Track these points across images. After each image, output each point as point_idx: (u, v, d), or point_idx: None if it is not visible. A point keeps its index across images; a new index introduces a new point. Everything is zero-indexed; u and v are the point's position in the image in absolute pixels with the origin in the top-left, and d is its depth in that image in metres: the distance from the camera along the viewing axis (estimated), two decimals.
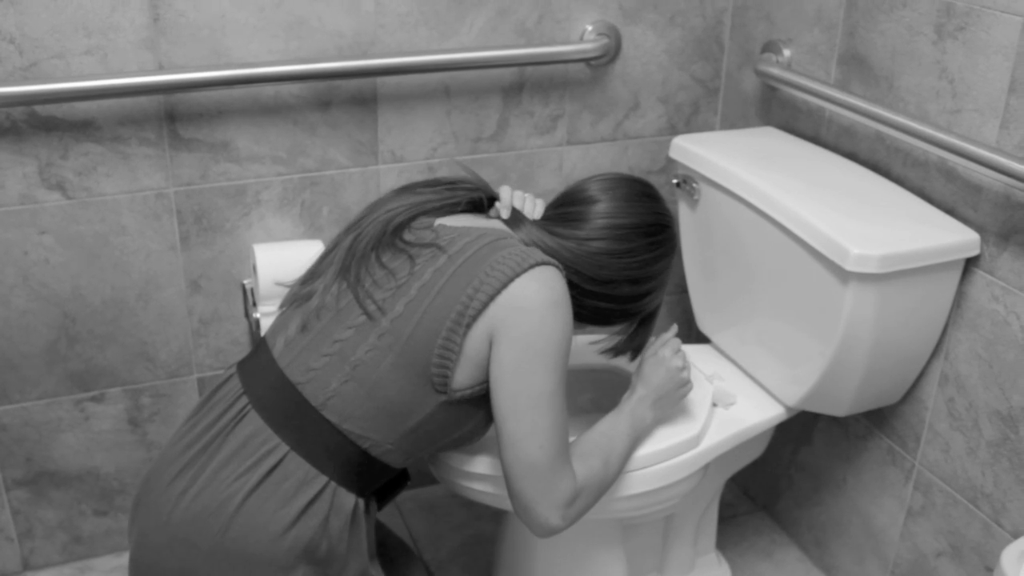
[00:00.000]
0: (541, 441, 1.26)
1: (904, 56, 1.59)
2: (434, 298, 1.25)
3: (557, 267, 1.30)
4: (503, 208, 1.42)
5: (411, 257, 1.29)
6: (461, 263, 1.27)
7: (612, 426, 1.42)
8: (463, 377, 1.27)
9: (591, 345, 1.60)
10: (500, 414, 1.27)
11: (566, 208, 1.42)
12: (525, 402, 1.25)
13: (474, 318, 1.24)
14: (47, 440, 1.84)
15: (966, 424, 1.57)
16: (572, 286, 1.36)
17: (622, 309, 1.44)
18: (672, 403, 1.51)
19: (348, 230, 1.38)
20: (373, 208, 1.39)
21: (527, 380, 1.25)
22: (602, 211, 1.40)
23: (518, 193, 1.46)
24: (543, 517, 1.29)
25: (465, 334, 1.25)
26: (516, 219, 1.40)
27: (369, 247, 1.32)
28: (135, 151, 1.69)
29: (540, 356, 1.25)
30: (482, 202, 1.43)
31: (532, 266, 1.27)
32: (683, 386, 1.50)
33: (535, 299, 1.25)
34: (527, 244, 1.35)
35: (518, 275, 1.25)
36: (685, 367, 1.49)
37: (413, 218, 1.36)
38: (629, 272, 1.40)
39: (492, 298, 1.24)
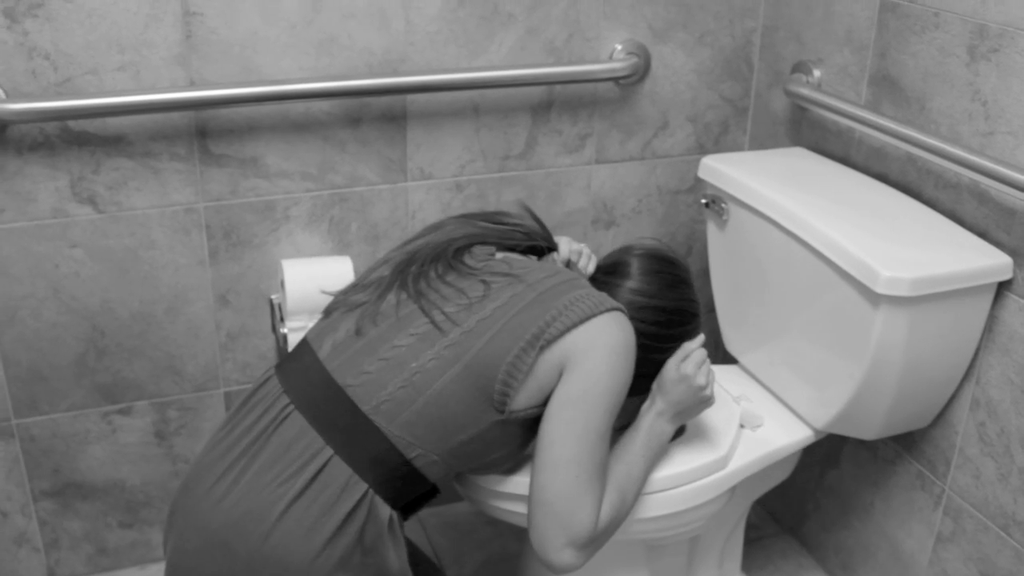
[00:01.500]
0: (579, 472, 1.27)
1: (936, 78, 1.58)
2: (511, 318, 1.28)
3: (627, 315, 1.36)
4: (560, 261, 1.48)
5: (484, 282, 1.33)
6: (541, 292, 1.31)
7: (628, 451, 1.41)
8: (524, 398, 1.29)
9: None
10: (548, 438, 1.28)
11: (609, 278, 1.47)
12: (578, 432, 1.27)
13: (550, 342, 1.27)
14: (74, 452, 1.85)
15: (997, 450, 1.55)
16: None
17: (640, 382, 1.45)
18: (691, 417, 1.49)
19: (402, 247, 1.41)
20: (430, 229, 1.43)
21: (586, 412, 1.27)
22: (633, 288, 1.45)
23: (575, 247, 1.51)
24: (556, 555, 1.28)
25: (538, 356, 1.27)
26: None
27: (427, 265, 1.36)
28: (166, 166, 1.70)
29: (604, 394, 1.28)
30: (540, 250, 1.48)
31: (612, 309, 1.32)
32: (705, 403, 1.46)
33: (613, 340, 1.29)
34: None
35: (599, 313, 1.30)
36: (708, 384, 1.44)
37: (471, 245, 1.40)
38: (653, 352, 1.44)
39: (573, 327, 1.28)
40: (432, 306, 1.30)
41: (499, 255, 1.41)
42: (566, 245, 1.50)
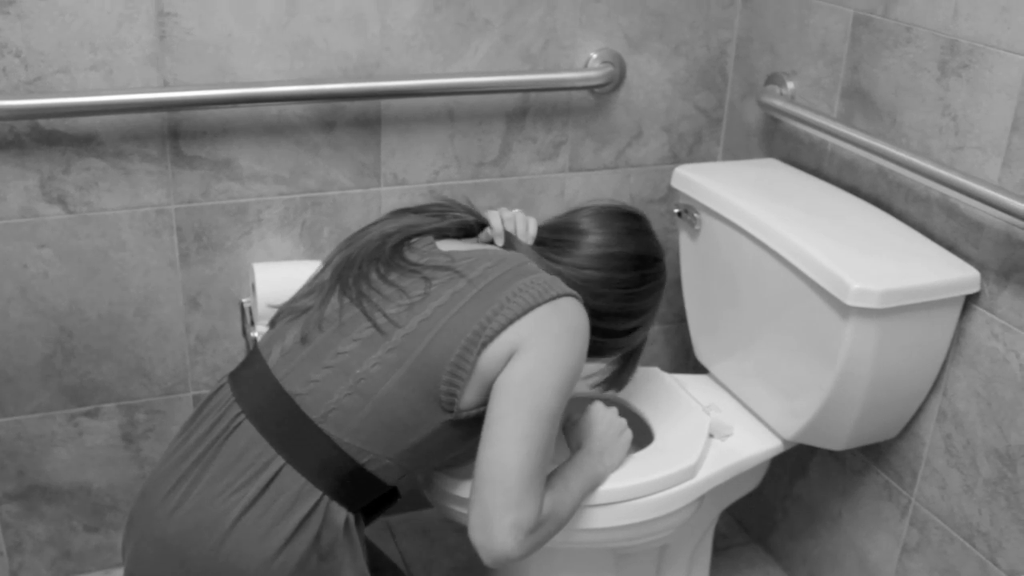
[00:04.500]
0: (528, 450, 1.23)
1: (907, 92, 1.59)
2: (451, 318, 1.26)
3: (579, 299, 1.33)
4: (496, 236, 1.43)
5: (425, 278, 1.30)
6: (483, 287, 1.28)
7: (563, 472, 1.40)
8: (471, 396, 1.27)
9: (583, 380, 1.63)
10: (497, 413, 1.24)
11: (560, 235, 1.44)
12: (527, 410, 1.24)
13: (492, 337, 1.25)
14: (40, 454, 1.83)
15: (963, 461, 1.56)
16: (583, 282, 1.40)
17: (612, 343, 1.47)
18: (618, 453, 1.50)
19: (339, 249, 1.39)
20: (365, 230, 1.40)
21: (534, 392, 1.24)
22: (594, 241, 1.42)
23: (508, 215, 1.46)
24: (501, 535, 1.22)
25: (480, 353, 1.25)
26: (511, 245, 1.42)
27: (367, 264, 1.33)
28: (137, 167, 1.69)
29: (552, 375, 1.25)
30: (472, 227, 1.45)
31: (557, 296, 1.29)
32: (623, 433, 1.51)
33: (558, 326, 1.27)
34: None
35: (541, 303, 1.27)
36: (625, 425, 1.51)
37: (408, 239, 1.37)
38: (620, 304, 1.43)
39: (512, 321, 1.25)
40: (374, 308, 1.28)
41: (441, 245, 1.38)
42: (497, 216, 1.45)
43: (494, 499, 1.23)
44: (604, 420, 1.49)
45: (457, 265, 1.31)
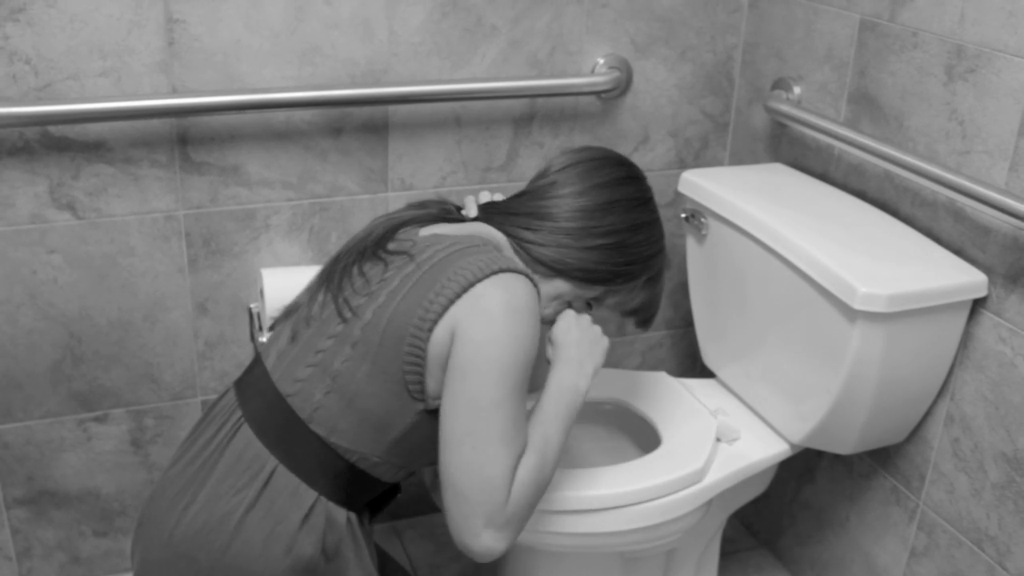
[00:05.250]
0: (474, 444, 1.18)
1: (914, 97, 1.59)
2: (399, 303, 1.23)
3: (526, 275, 1.26)
4: (470, 208, 1.42)
5: (385, 264, 1.28)
6: (427, 269, 1.24)
7: (542, 412, 1.31)
8: (435, 383, 1.24)
9: (613, 311, 1.52)
10: (443, 410, 1.21)
11: (536, 189, 1.41)
12: (466, 402, 1.19)
13: (435, 321, 1.20)
14: (49, 459, 1.83)
15: (971, 465, 1.56)
16: (568, 238, 1.35)
17: (624, 247, 1.40)
18: (596, 361, 1.37)
19: (340, 250, 1.39)
20: (361, 231, 1.40)
21: (473, 383, 1.19)
22: (571, 198, 1.38)
23: (484, 194, 1.48)
24: (476, 540, 1.19)
25: (427, 338, 1.21)
26: (485, 210, 1.40)
27: (352, 259, 1.32)
28: (146, 173, 1.69)
29: (490, 362, 1.19)
30: (452, 213, 1.42)
31: (497, 271, 1.23)
32: (599, 341, 1.39)
33: (495, 304, 1.20)
34: (511, 243, 1.36)
35: (480, 279, 1.21)
36: (594, 325, 1.41)
37: (393, 229, 1.35)
38: (611, 198, 1.38)
39: (452, 301, 1.20)
40: (344, 303, 1.27)
41: (423, 231, 1.35)
42: (470, 199, 1.45)
43: (455, 505, 1.20)
44: (579, 326, 1.38)
45: (414, 249, 1.28)
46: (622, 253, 1.39)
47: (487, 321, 1.19)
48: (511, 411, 1.20)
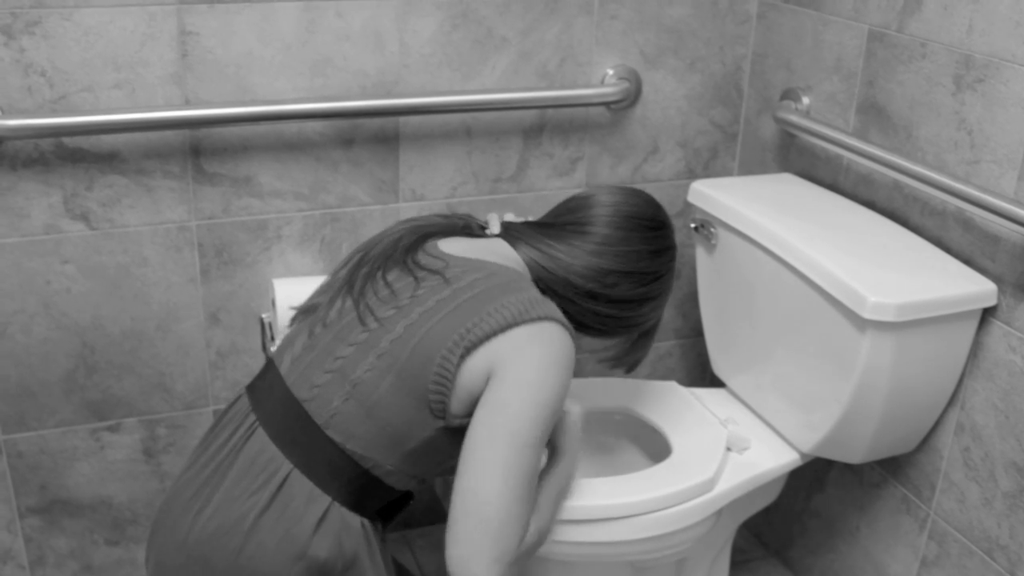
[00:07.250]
0: (507, 477, 1.19)
1: (923, 106, 1.60)
2: (434, 325, 1.24)
3: (566, 326, 1.28)
4: (493, 225, 1.43)
5: (416, 280, 1.29)
6: (467, 298, 1.25)
7: (554, 483, 1.36)
8: (458, 405, 1.25)
9: (591, 354, 1.56)
10: (473, 441, 1.21)
11: (563, 216, 1.43)
12: (503, 439, 1.20)
13: (469, 349, 1.22)
14: (62, 468, 1.84)
15: (982, 474, 1.56)
16: (574, 290, 1.37)
17: (623, 316, 1.42)
18: (579, 455, 1.47)
19: (357, 250, 1.39)
20: (382, 234, 1.40)
21: (510, 421, 1.20)
22: (601, 211, 1.41)
23: (509, 214, 1.49)
24: (486, 569, 1.19)
25: (459, 364, 1.22)
26: (509, 228, 1.42)
27: (376, 265, 1.33)
28: (159, 184, 1.71)
29: (529, 405, 1.21)
30: (475, 230, 1.44)
31: (541, 318, 1.25)
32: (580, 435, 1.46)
33: (538, 353, 1.23)
34: (535, 273, 1.37)
35: (522, 322, 1.24)
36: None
37: (423, 239, 1.36)
38: (627, 265, 1.39)
39: (493, 334, 1.22)
40: (367, 312, 1.27)
41: (442, 245, 1.36)
42: (494, 215, 1.45)
43: (473, 534, 1.19)
44: (577, 425, 1.42)
45: (448, 271, 1.29)
46: (621, 322, 1.43)
47: (530, 366, 1.22)
48: (537, 457, 1.23)
